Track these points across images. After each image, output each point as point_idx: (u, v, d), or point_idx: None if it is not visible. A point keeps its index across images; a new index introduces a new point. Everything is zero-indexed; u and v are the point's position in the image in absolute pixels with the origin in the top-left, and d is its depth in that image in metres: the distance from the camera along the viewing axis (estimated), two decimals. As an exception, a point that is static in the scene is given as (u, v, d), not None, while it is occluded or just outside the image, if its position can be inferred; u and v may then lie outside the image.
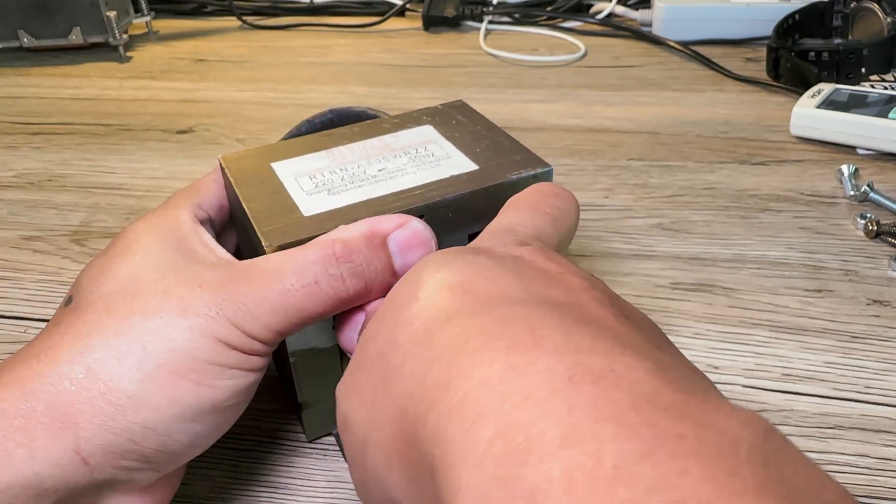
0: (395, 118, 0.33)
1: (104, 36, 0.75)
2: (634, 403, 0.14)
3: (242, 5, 0.90)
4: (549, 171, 0.29)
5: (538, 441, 0.13)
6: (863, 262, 0.41)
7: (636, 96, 0.64)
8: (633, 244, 0.43)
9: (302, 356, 0.28)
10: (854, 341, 0.35)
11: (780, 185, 0.49)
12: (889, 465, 0.29)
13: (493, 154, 0.30)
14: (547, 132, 0.58)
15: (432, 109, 0.34)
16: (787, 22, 0.67)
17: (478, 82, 0.69)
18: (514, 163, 0.29)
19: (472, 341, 0.16)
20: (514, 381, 0.15)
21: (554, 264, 0.20)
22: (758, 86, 0.65)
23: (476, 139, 0.31)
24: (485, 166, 0.29)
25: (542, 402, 0.14)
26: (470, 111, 0.34)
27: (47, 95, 0.69)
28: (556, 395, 0.14)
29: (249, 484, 0.30)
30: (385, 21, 0.86)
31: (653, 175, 0.51)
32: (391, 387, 0.18)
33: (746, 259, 0.42)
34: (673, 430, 0.13)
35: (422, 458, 0.16)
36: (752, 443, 0.13)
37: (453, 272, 0.19)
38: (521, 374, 0.15)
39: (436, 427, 0.15)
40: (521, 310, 0.17)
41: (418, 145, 0.31)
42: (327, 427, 0.31)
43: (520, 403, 0.14)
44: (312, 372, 0.29)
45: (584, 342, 0.16)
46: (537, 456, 0.13)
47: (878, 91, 0.56)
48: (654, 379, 0.15)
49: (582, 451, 0.13)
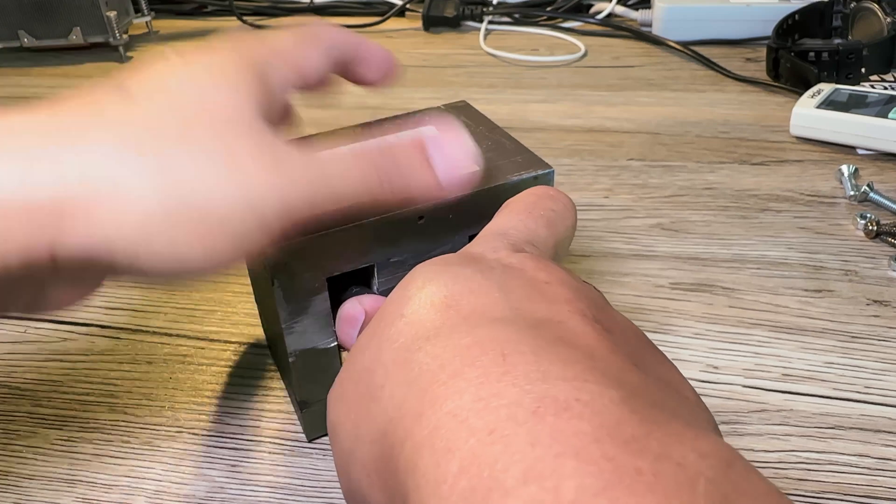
0: (397, 118, 0.33)
1: (104, 36, 0.76)
2: (596, 436, 0.14)
3: (242, 5, 0.90)
4: (550, 173, 0.29)
5: (501, 477, 0.14)
6: (863, 262, 0.41)
7: (636, 96, 0.64)
8: (633, 244, 0.43)
9: (302, 355, 0.28)
10: (854, 341, 0.35)
11: (780, 185, 0.49)
12: (889, 465, 0.29)
13: (495, 155, 0.30)
14: (547, 132, 0.58)
15: (434, 110, 0.34)
16: (786, 22, 0.67)
17: (478, 82, 0.69)
18: (515, 164, 0.29)
19: (448, 366, 0.17)
20: (482, 413, 0.15)
21: (543, 273, 0.20)
22: (758, 86, 0.65)
23: (478, 140, 0.31)
24: (485, 167, 0.29)
25: (506, 437, 0.14)
26: (473, 112, 0.34)
27: (47, 95, 0.69)
28: (520, 429, 0.14)
29: (249, 484, 0.30)
30: (385, 21, 0.86)
31: (653, 175, 0.51)
32: (373, 407, 0.18)
33: (746, 259, 0.42)
34: (631, 465, 0.13)
35: (399, 487, 0.16)
36: (711, 477, 0.13)
37: (439, 286, 0.19)
38: (488, 407, 0.15)
39: (409, 458, 0.16)
40: (499, 330, 0.17)
41: None
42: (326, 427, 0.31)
43: (485, 438, 0.14)
44: (312, 371, 0.29)
45: (554, 368, 0.16)
46: (499, 493, 0.13)
47: (877, 91, 0.56)
48: (618, 409, 0.15)
49: (542, 486, 0.13)
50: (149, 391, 0.34)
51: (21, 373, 0.36)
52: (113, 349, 0.37)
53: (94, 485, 0.30)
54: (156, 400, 0.34)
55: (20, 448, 0.32)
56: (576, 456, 0.13)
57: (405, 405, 0.17)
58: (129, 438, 0.32)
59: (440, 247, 0.28)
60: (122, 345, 0.37)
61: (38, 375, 0.35)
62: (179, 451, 0.31)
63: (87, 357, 0.36)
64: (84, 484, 0.30)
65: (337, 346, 0.29)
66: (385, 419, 0.17)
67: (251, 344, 0.37)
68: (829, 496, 0.28)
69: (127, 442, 0.32)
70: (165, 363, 0.36)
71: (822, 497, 0.28)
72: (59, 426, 0.33)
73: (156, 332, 0.38)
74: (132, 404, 0.34)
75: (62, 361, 0.36)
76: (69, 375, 0.35)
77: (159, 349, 0.37)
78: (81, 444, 0.32)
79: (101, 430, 0.32)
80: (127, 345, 0.37)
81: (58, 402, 0.34)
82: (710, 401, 0.32)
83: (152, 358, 0.36)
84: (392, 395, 0.17)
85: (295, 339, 0.28)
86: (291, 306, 0.27)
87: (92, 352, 0.37)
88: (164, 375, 0.35)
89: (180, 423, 0.32)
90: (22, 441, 0.32)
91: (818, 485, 0.28)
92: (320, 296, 0.27)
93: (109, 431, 0.32)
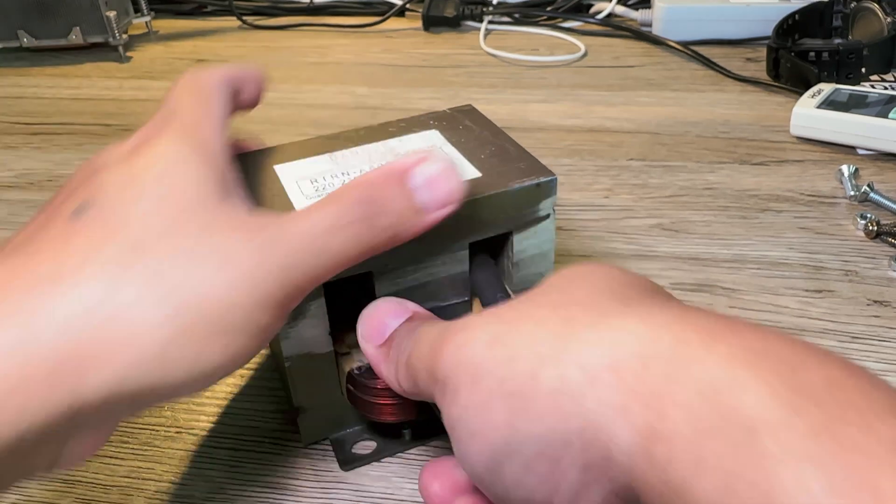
0: (401, 122, 0.33)
1: (104, 36, 0.75)
2: None
3: (242, 5, 0.90)
4: (552, 181, 0.29)
5: None
6: (863, 262, 0.41)
7: (636, 96, 0.64)
8: (633, 244, 0.43)
9: (297, 361, 0.28)
10: (854, 342, 0.35)
11: (780, 185, 0.49)
12: (889, 466, 0.29)
13: (498, 161, 0.29)
14: (547, 132, 0.58)
15: (440, 114, 0.34)
16: (787, 22, 0.67)
17: (478, 82, 0.69)
18: (517, 171, 0.29)
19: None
20: None
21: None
22: (758, 86, 0.65)
23: (481, 145, 0.31)
24: (488, 174, 0.29)
25: None
26: (478, 116, 0.34)
27: (47, 95, 0.69)
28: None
29: (249, 484, 0.30)
30: (385, 21, 0.86)
31: (653, 175, 0.51)
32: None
33: (746, 259, 0.42)
34: None
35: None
36: None
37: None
38: None
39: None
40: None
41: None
42: (324, 432, 0.31)
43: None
44: (307, 377, 0.29)
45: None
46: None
47: (878, 91, 0.56)
48: None
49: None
50: (148, 391, 0.34)
51: (20, 373, 0.36)
52: (112, 349, 0.37)
53: (93, 485, 0.30)
54: (155, 400, 0.34)
55: (19, 448, 0.32)
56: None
57: None
58: (129, 439, 0.32)
59: (440, 253, 0.28)
60: (121, 345, 0.37)
61: (37, 375, 0.35)
62: (179, 452, 0.31)
63: (86, 357, 0.36)
64: (83, 484, 0.30)
65: (332, 353, 0.29)
66: None
67: (251, 344, 0.37)
68: (829, 497, 0.28)
69: (126, 442, 0.32)
70: (165, 363, 0.36)
71: (823, 497, 0.28)
72: (59, 426, 0.33)
73: (155, 333, 0.38)
74: (132, 404, 0.34)
75: (62, 361, 0.36)
76: (69, 375, 0.35)
77: (159, 349, 0.37)
78: (81, 445, 0.32)
79: (100, 430, 0.32)
80: (126, 345, 0.37)
81: (57, 402, 0.34)
82: (711, 401, 0.32)
83: (152, 358, 0.36)
84: None
85: (291, 344, 0.28)
86: None
87: (91, 352, 0.37)
88: (164, 376, 0.35)
89: (180, 424, 0.32)
90: (21, 441, 0.32)
91: (818, 485, 0.28)
92: (317, 301, 0.27)
93: (109, 432, 0.32)
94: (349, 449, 0.31)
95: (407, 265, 0.28)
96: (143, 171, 0.22)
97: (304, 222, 0.22)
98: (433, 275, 0.28)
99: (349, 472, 0.30)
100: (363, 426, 0.31)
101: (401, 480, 0.29)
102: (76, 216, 0.21)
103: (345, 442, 0.31)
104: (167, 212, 0.21)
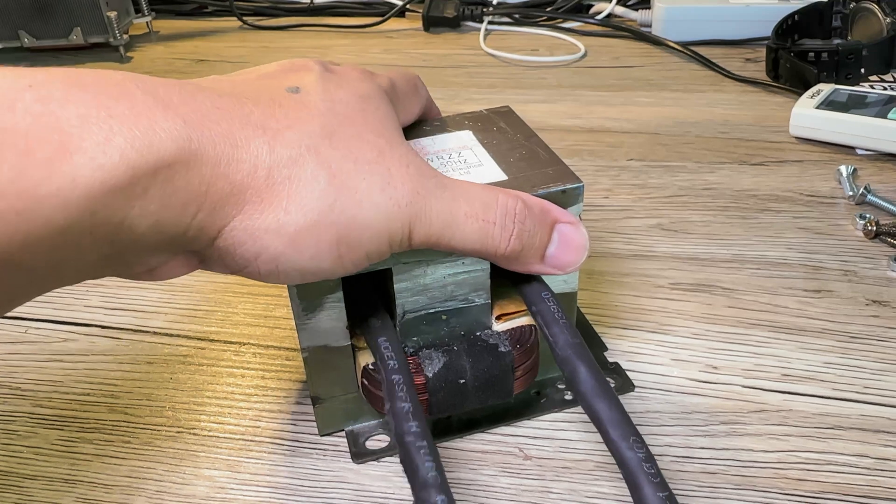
0: (436, 121, 0.33)
1: (105, 36, 0.76)
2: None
3: (243, 6, 0.90)
4: (579, 187, 0.28)
5: None
6: (862, 262, 0.41)
7: (636, 96, 0.64)
8: (632, 244, 0.43)
9: (314, 352, 0.29)
10: (853, 341, 0.35)
11: (780, 185, 0.49)
12: (888, 465, 0.29)
13: (526, 165, 0.29)
14: (547, 132, 0.58)
15: (477, 114, 0.34)
16: (786, 22, 0.67)
17: (478, 83, 0.69)
18: (544, 176, 0.28)
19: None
20: None
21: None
22: (757, 86, 0.65)
23: (513, 148, 0.31)
24: (514, 177, 0.28)
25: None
26: (514, 118, 0.34)
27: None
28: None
29: (249, 484, 0.30)
30: (385, 21, 0.86)
31: (652, 175, 0.51)
32: None
33: (745, 259, 0.42)
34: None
35: None
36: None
37: None
38: None
39: None
40: None
41: (452, 150, 0.30)
42: (340, 423, 0.31)
43: None
44: (324, 368, 0.29)
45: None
46: None
47: (877, 91, 0.56)
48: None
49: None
50: (149, 391, 0.34)
51: (21, 373, 0.36)
52: (113, 349, 0.37)
53: (94, 485, 0.30)
54: (156, 400, 0.34)
55: (20, 448, 0.32)
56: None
57: None
58: (130, 438, 0.32)
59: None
60: (122, 345, 0.37)
61: (38, 375, 0.35)
62: (180, 451, 0.31)
63: (87, 357, 0.37)
64: (84, 484, 0.30)
65: (350, 346, 0.29)
66: None
67: (251, 344, 0.37)
68: (828, 496, 0.28)
69: (127, 442, 0.32)
70: (166, 363, 0.36)
71: (822, 497, 0.28)
72: (59, 426, 0.33)
73: (156, 333, 0.38)
74: (132, 404, 0.34)
75: (62, 362, 0.36)
76: (69, 375, 0.35)
77: (160, 349, 0.37)
78: (81, 445, 0.32)
79: (101, 430, 0.32)
80: (127, 345, 0.37)
81: (58, 402, 0.34)
82: (710, 401, 0.32)
83: (152, 358, 0.36)
84: None
85: (308, 335, 0.28)
86: (304, 303, 0.27)
87: (92, 352, 0.37)
88: (165, 376, 0.35)
89: (180, 423, 0.33)
90: (22, 441, 0.32)
91: (817, 485, 0.28)
92: (334, 295, 0.27)
93: (109, 432, 0.32)
94: (363, 442, 0.31)
95: (423, 260, 0.28)
96: (348, 83, 0.25)
97: (462, 192, 0.24)
98: (453, 275, 0.29)
99: (350, 471, 0.30)
100: (379, 421, 0.32)
101: (401, 480, 0.29)
102: (290, 91, 0.24)
103: (359, 435, 0.31)
104: (363, 123, 0.24)
